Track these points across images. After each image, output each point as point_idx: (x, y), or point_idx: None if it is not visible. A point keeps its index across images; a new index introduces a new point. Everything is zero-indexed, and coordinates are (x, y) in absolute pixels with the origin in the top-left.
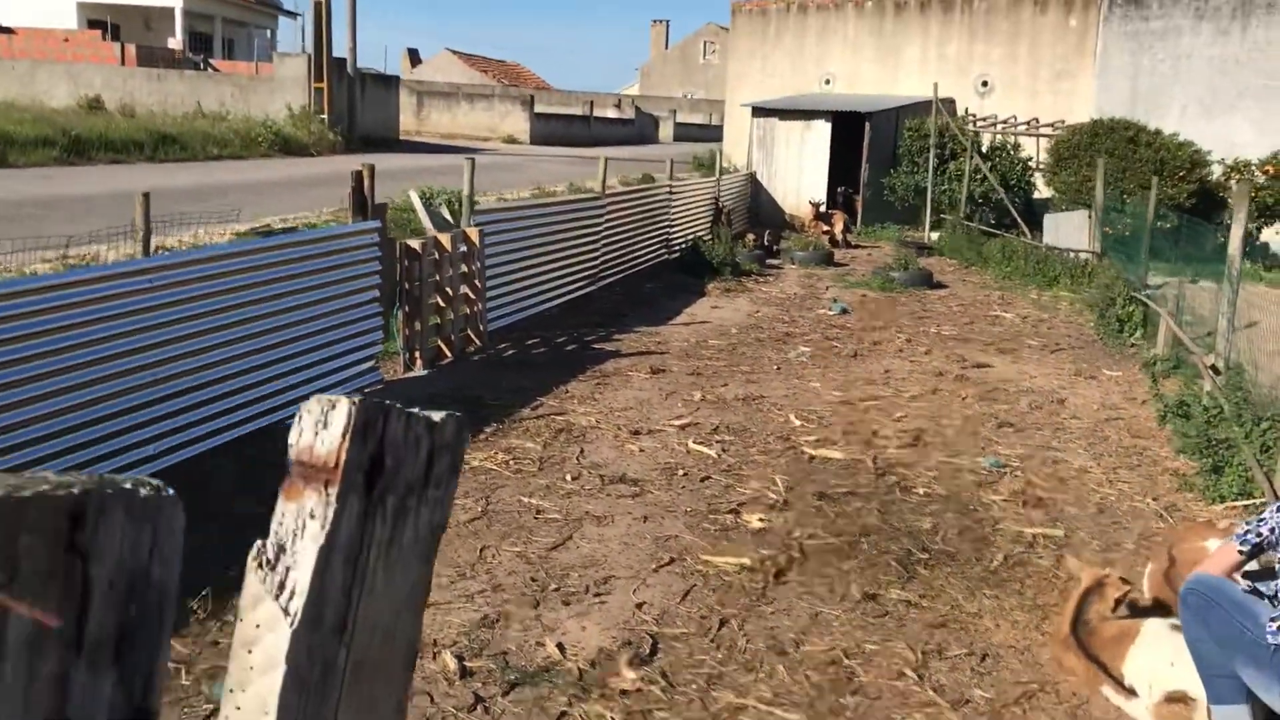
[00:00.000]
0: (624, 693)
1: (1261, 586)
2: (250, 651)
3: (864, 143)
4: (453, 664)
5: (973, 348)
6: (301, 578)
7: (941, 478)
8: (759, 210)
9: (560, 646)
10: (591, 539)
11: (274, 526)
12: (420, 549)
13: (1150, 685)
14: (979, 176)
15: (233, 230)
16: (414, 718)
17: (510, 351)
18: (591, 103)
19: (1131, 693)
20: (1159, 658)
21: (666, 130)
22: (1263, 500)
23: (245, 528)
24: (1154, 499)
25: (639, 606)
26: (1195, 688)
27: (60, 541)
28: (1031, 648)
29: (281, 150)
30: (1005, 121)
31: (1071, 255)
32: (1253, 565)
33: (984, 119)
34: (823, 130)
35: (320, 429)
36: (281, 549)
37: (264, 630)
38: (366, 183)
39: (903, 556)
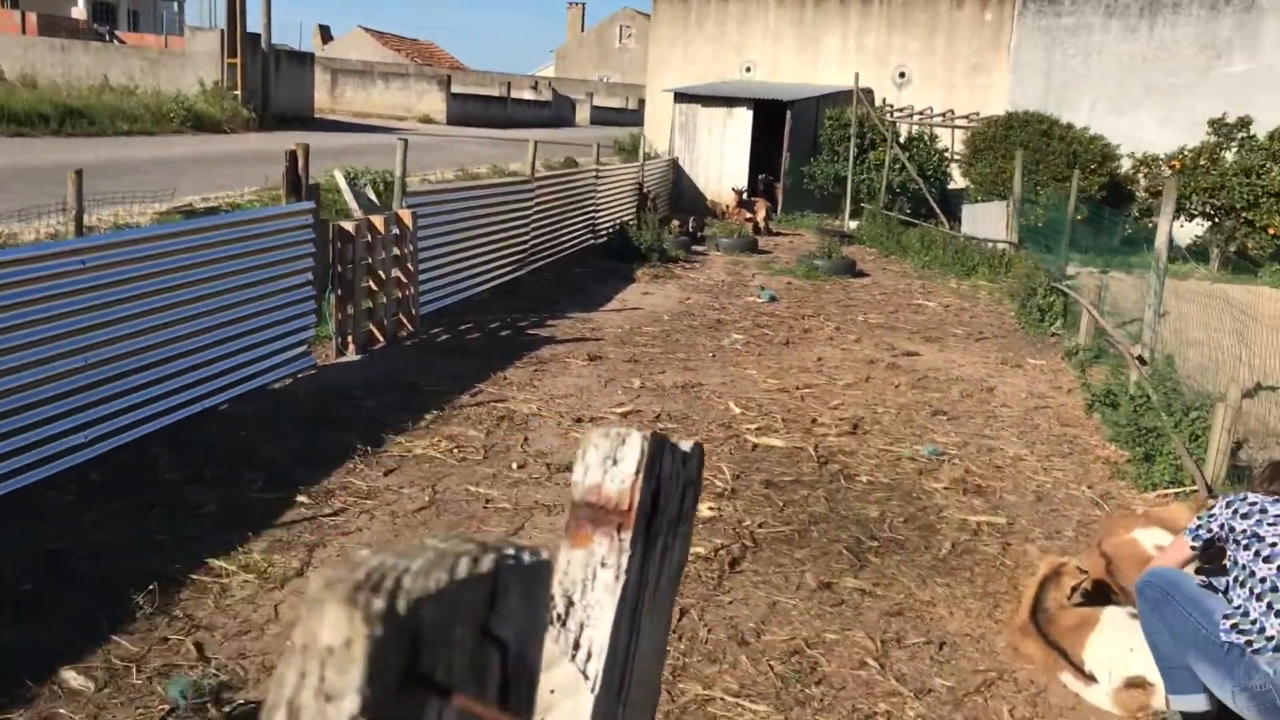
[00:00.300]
0: None
1: (1215, 581)
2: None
3: (785, 131)
4: None
5: (900, 336)
6: (599, 636)
7: (883, 465)
8: (681, 196)
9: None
10: (544, 528)
11: (558, 578)
12: (673, 591)
13: (1110, 671)
14: (897, 166)
15: (154, 210)
16: None
17: (443, 336)
18: (509, 84)
19: (1091, 679)
20: (1118, 644)
21: (583, 113)
22: (1194, 489)
23: (187, 518)
24: (1088, 487)
25: None
26: (1153, 673)
27: (477, 627)
28: (986, 636)
29: (194, 127)
30: (922, 113)
31: (990, 245)
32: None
33: (901, 110)
34: (744, 118)
35: (609, 465)
36: (570, 603)
37: (560, 696)
38: (301, 162)
39: (853, 545)
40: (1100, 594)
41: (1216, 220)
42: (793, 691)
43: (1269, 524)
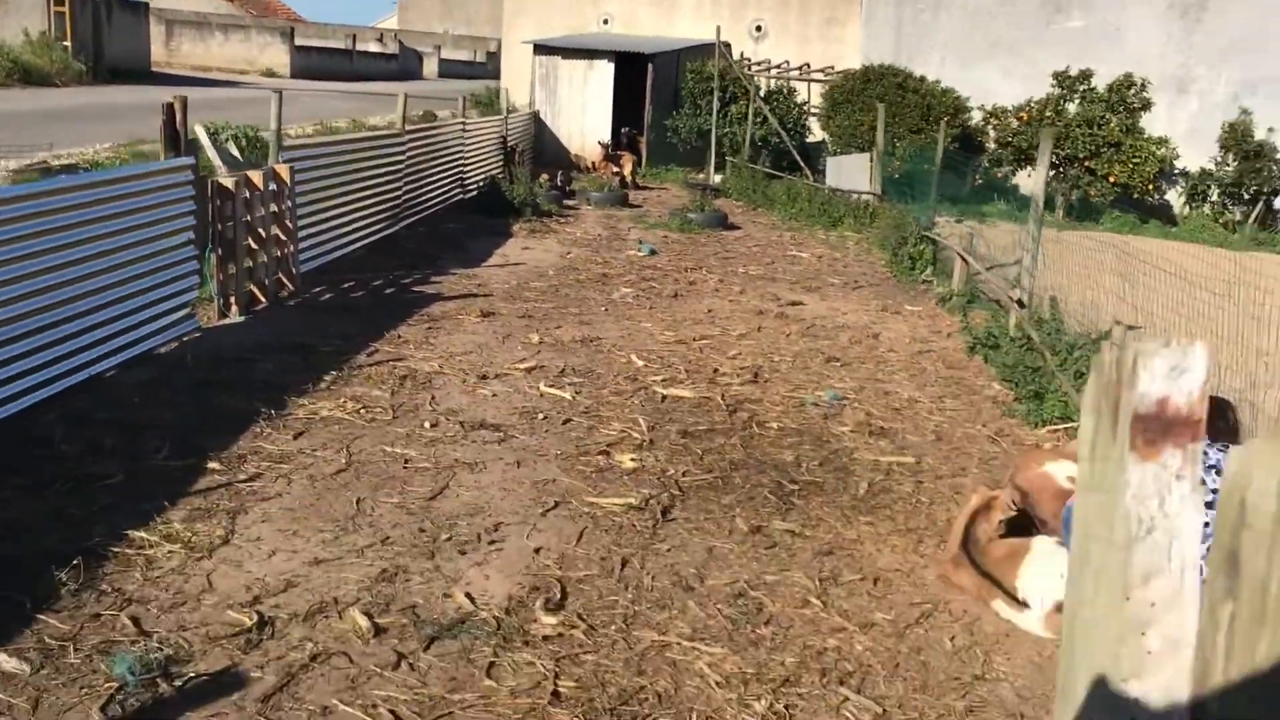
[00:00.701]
0: (546, 638)
1: None
2: (1145, 634)
3: (647, 84)
4: (364, 622)
5: (781, 286)
6: (1188, 549)
7: (789, 412)
8: (543, 150)
9: (469, 596)
10: (469, 486)
11: (1131, 493)
12: None
13: (1041, 597)
14: (759, 119)
15: (4, 168)
16: (336, 679)
17: (327, 295)
18: (354, 36)
19: (1023, 605)
20: (1049, 571)
21: (431, 66)
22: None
23: (96, 490)
24: (983, 425)
25: (537, 551)
26: None
27: None
28: (915, 570)
29: (21, 80)
30: (779, 66)
31: (854, 196)
32: None
33: (759, 63)
34: (606, 70)
35: (1177, 375)
36: (1150, 519)
37: (1160, 610)
38: (179, 115)
39: (775, 489)
40: (1024, 527)
41: (1061, 169)
42: (744, 633)
43: None
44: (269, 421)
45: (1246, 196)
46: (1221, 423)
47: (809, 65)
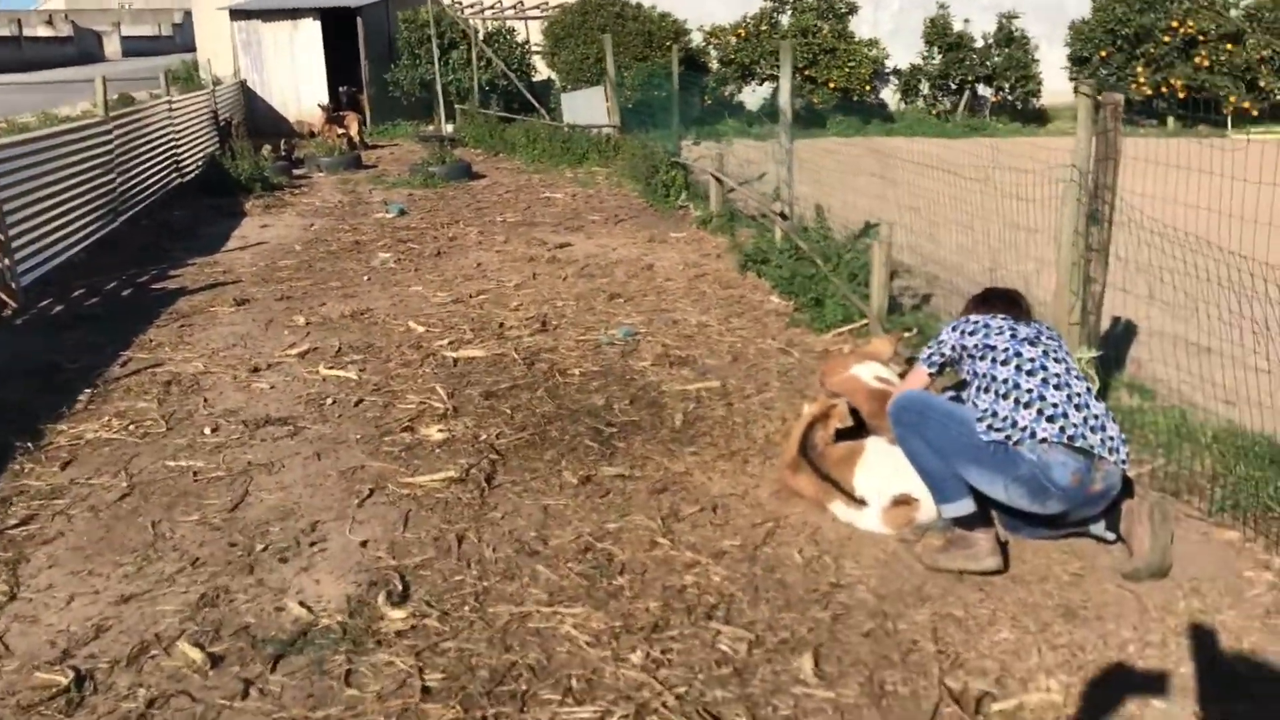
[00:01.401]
0: (400, 634)
1: (960, 395)
2: None
3: (359, 39)
4: (196, 654)
5: (544, 230)
6: None
7: (587, 355)
8: (258, 120)
9: (305, 605)
10: (271, 489)
11: None
12: None
13: (879, 493)
14: (483, 63)
15: None
16: None
17: (58, 308)
18: (19, 22)
19: (861, 503)
20: (883, 469)
21: (113, 46)
22: (864, 323)
23: None
24: (772, 339)
25: (364, 545)
26: (917, 489)
27: None
28: (749, 492)
29: None
30: (492, 7)
31: (595, 131)
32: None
33: (471, 5)
34: (312, 30)
35: None
36: None
37: None
38: None
39: (594, 435)
40: (855, 432)
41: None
42: (601, 586)
43: (996, 334)
44: (28, 456)
45: (953, 87)
46: (1016, 310)
47: (523, 3)
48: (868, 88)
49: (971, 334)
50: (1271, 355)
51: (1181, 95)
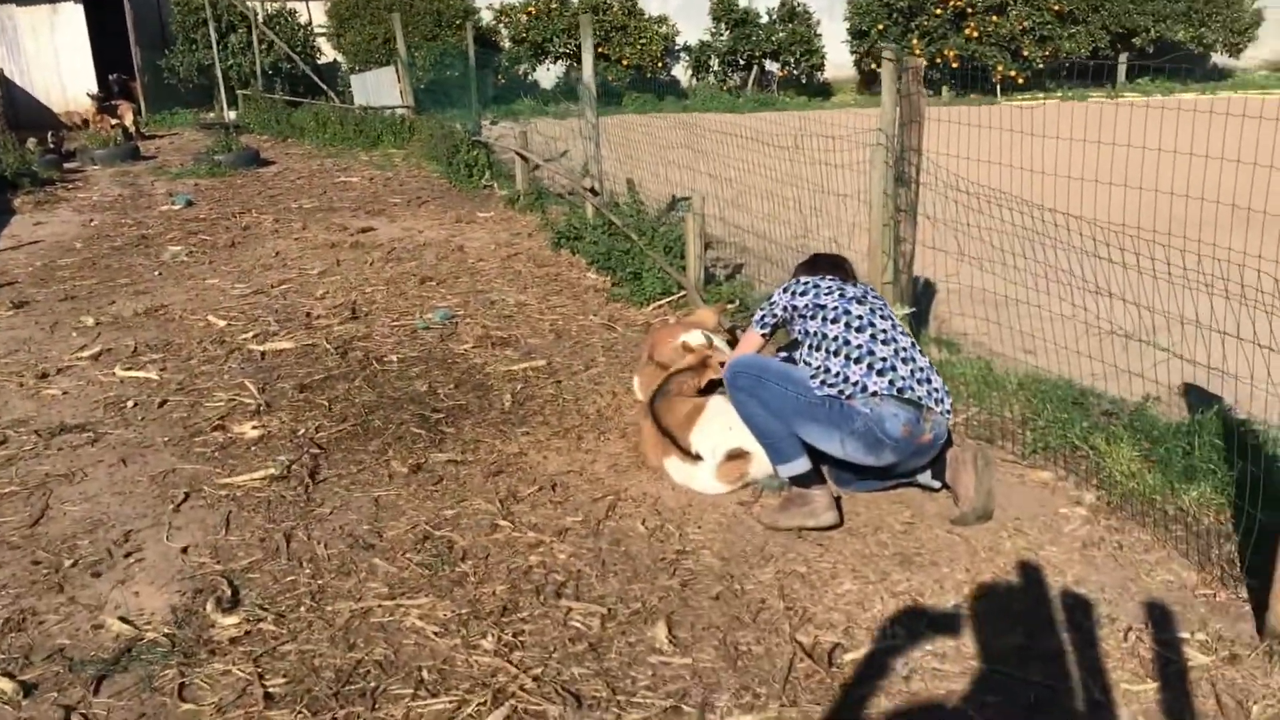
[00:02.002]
0: (234, 640)
1: (792, 355)
2: None
3: (128, 24)
4: (7, 685)
5: (344, 215)
6: None
7: (404, 342)
8: (19, 112)
9: (126, 620)
10: (75, 500)
11: None
12: None
13: (714, 449)
14: (265, 46)
15: None
16: None
17: None
18: None
19: (697, 458)
20: (719, 426)
21: None
22: (683, 294)
23: None
24: (593, 315)
25: (184, 551)
26: (749, 444)
27: None
28: (586, 468)
29: None
30: None
31: (388, 113)
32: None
33: None
34: (74, 15)
35: None
36: None
37: None
38: None
39: (420, 422)
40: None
41: (577, 58)
42: (444, 575)
43: (825, 294)
44: None
45: (742, 63)
46: (841, 272)
47: None
48: (660, 65)
49: (802, 294)
50: (1073, 301)
51: (954, 65)
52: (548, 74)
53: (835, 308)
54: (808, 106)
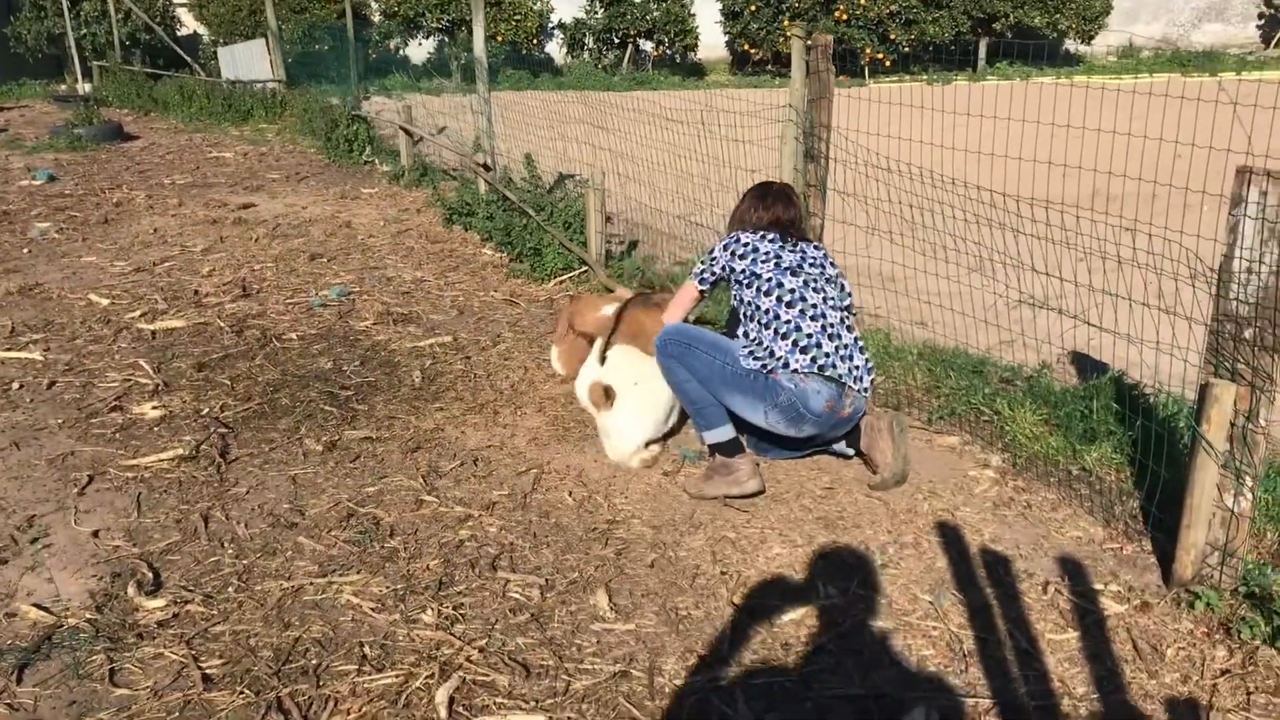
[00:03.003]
0: (162, 624)
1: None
2: None
3: None
4: None
5: (221, 191)
6: None
7: (301, 319)
8: None
9: (41, 607)
10: None
11: None
12: None
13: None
14: (121, 15)
15: None
16: None
17: None
18: None
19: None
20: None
21: None
22: (584, 269)
23: None
24: (494, 291)
25: (96, 535)
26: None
27: None
28: (505, 442)
29: None
30: None
31: (259, 87)
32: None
33: None
34: None
35: None
36: None
37: None
38: None
39: (330, 399)
40: None
41: (450, 34)
42: (375, 551)
43: (762, 261)
44: None
45: (616, 41)
46: (791, 209)
47: None
48: (535, 42)
49: (741, 257)
50: (982, 272)
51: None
52: (420, 49)
53: (769, 279)
54: (682, 86)
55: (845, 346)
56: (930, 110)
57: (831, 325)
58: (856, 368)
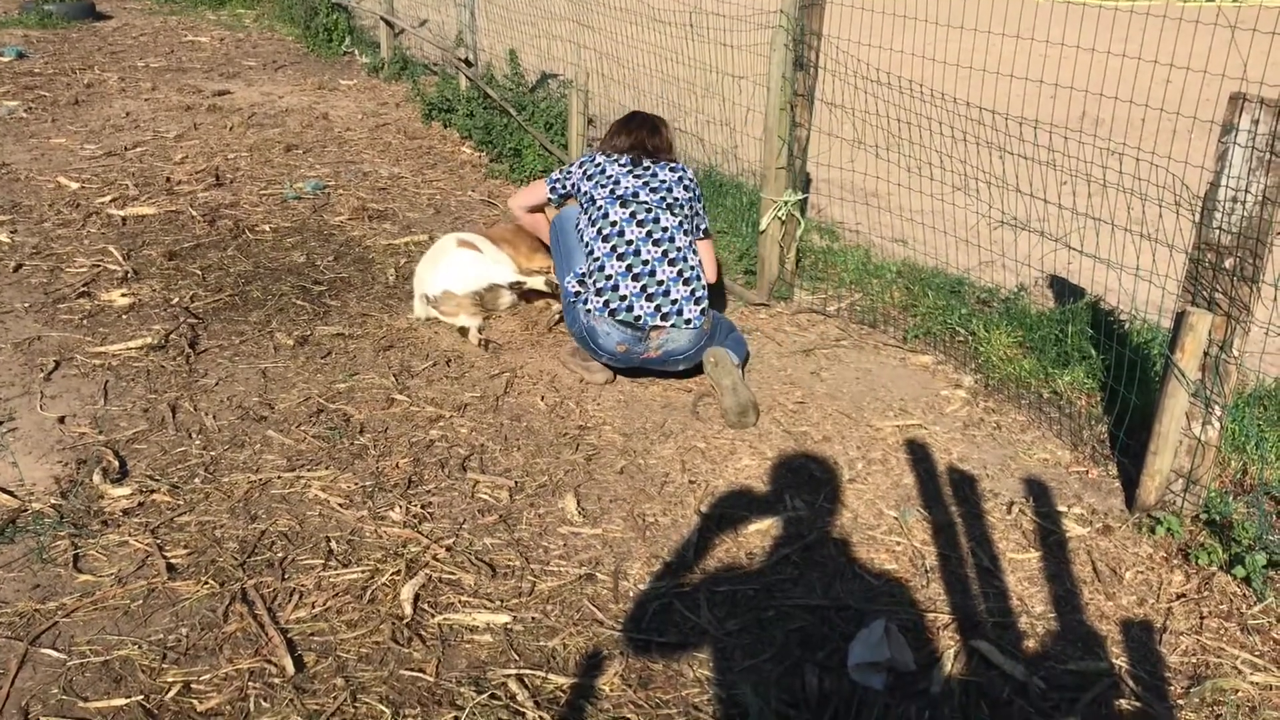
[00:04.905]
0: (127, 512)
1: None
2: None
3: None
4: None
5: (195, 76)
6: None
7: (275, 211)
8: None
9: (6, 491)
10: None
11: None
12: None
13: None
14: None
15: None
16: None
17: None
18: None
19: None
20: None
21: None
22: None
23: None
24: (472, 190)
25: (62, 421)
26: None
27: None
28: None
29: None
30: None
31: None
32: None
33: None
34: None
35: None
36: None
37: None
38: None
39: (302, 294)
40: None
41: None
42: (344, 447)
43: (602, 185)
44: None
45: None
46: (654, 138)
47: None
48: None
49: (589, 177)
50: (965, 191)
51: None
52: None
53: (600, 207)
54: None
55: (659, 284)
56: (922, 22)
57: (643, 264)
58: (674, 302)
